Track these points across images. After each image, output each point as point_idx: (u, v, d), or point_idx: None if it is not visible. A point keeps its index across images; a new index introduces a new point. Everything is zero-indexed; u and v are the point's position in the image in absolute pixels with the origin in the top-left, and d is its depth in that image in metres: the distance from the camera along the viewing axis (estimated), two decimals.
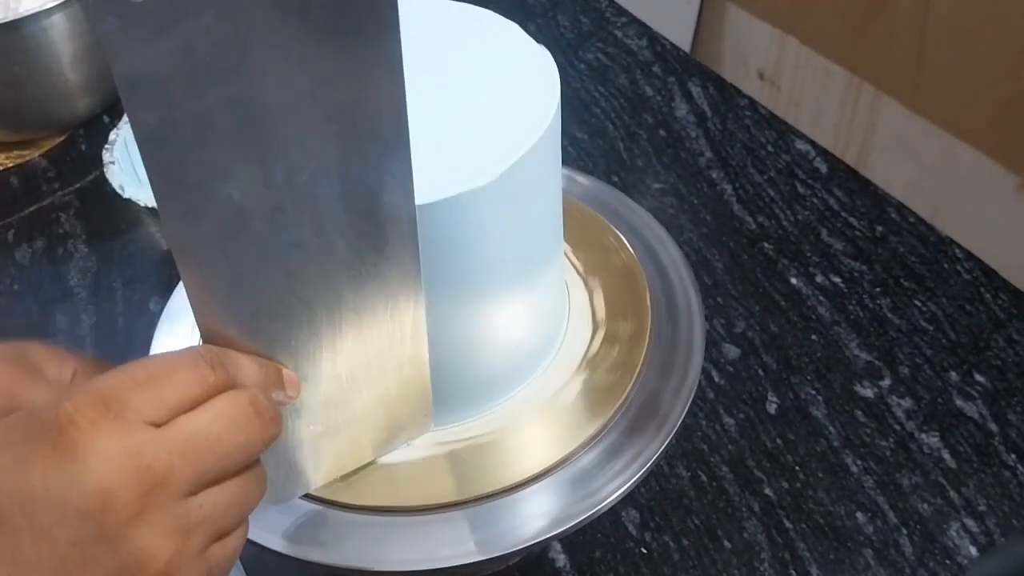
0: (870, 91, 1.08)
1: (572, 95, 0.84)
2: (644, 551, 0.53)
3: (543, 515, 0.39)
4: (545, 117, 0.38)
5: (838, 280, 0.66)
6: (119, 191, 0.70)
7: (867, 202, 0.72)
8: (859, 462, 0.56)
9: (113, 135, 0.75)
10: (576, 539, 0.53)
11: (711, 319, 0.64)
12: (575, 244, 0.50)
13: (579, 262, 0.50)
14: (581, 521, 0.39)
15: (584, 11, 0.94)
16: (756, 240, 0.69)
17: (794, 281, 0.66)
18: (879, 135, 1.09)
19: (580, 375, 0.45)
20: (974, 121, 0.97)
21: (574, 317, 0.47)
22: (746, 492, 0.55)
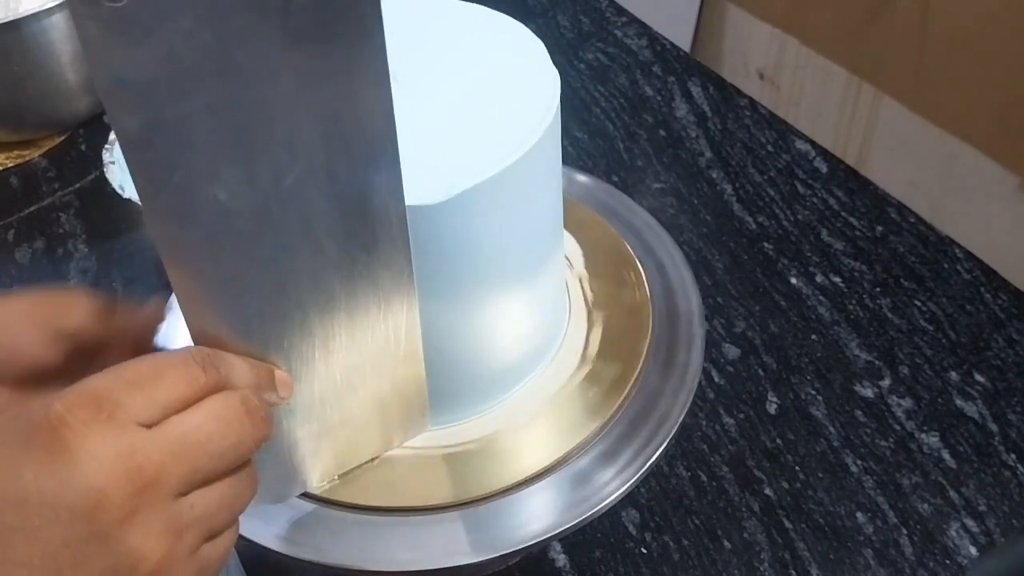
0: (870, 91, 1.08)
1: (572, 95, 0.84)
2: (644, 551, 0.53)
3: (543, 515, 0.39)
4: (545, 117, 0.38)
5: (838, 280, 0.66)
6: (119, 191, 0.70)
7: (867, 202, 0.72)
8: (859, 462, 0.56)
9: (113, 135, 0.75)
10: (576, 539, 0.53)
11: (711, 319, 0.64)
12: (575, 243, 0.50)
13: (579, 263, 0.50)
14: (581, 521, 0.39)
15: (584, 11, 0.94)
16: (756, 240, 0.69)
17: (794, 281, 0.66)
18: (879, 135, 1.09)
19: (579, 375, 0.45)
20: (974, 121, 0.97)
21: (573, 317, 0.47)
22: (746, 492, 0.55)
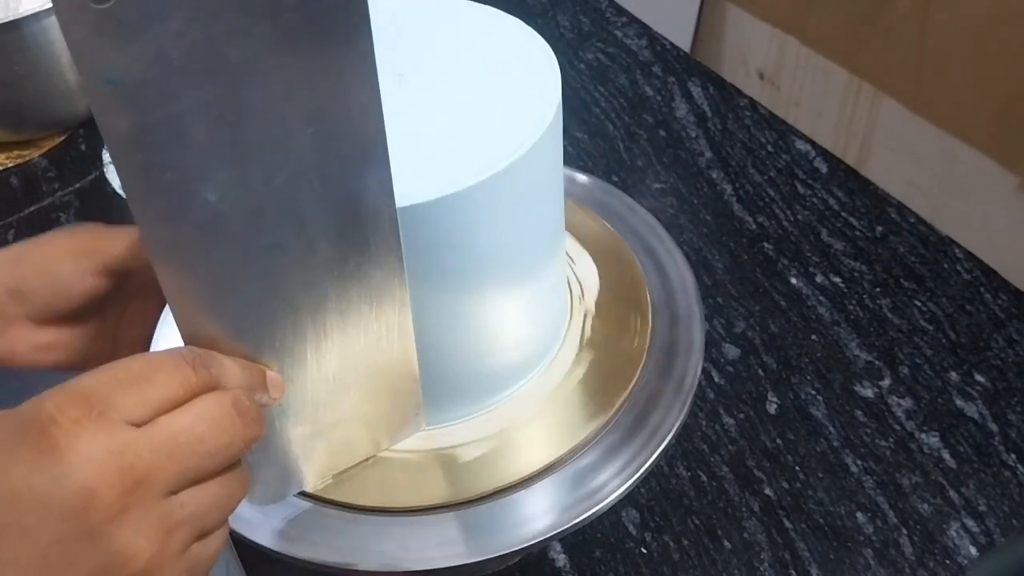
0: (870, 91, 1.08)
1: (572, 95, 0.84)
2: (644, 551, 0.53)
3: (543, 515, 0.39)
4: (546, 116, 0.38)
5: (838, 280, 0.66)
6: (119, 191, 0.70)
7: (867, 202, 0.72)
8: (859, 462, 0.56)
9: None
10: (576, 539, 0.53)
11: (711, 319, 0.64)
12: (575, 243, 0.50)
13: (579, 263, 0.50)
14: (581, 521, 0.39)
15: (584, 11, 0.94)
16: (756, 240, 0.69)
17: (794, 281, 0.66)
18: (879, 135, 1.09)
19: (579, 374, 0.45)
20: (974, 121, 0.97)
21: (574, 317, 0.47)
22: (746, 492, 0.55)
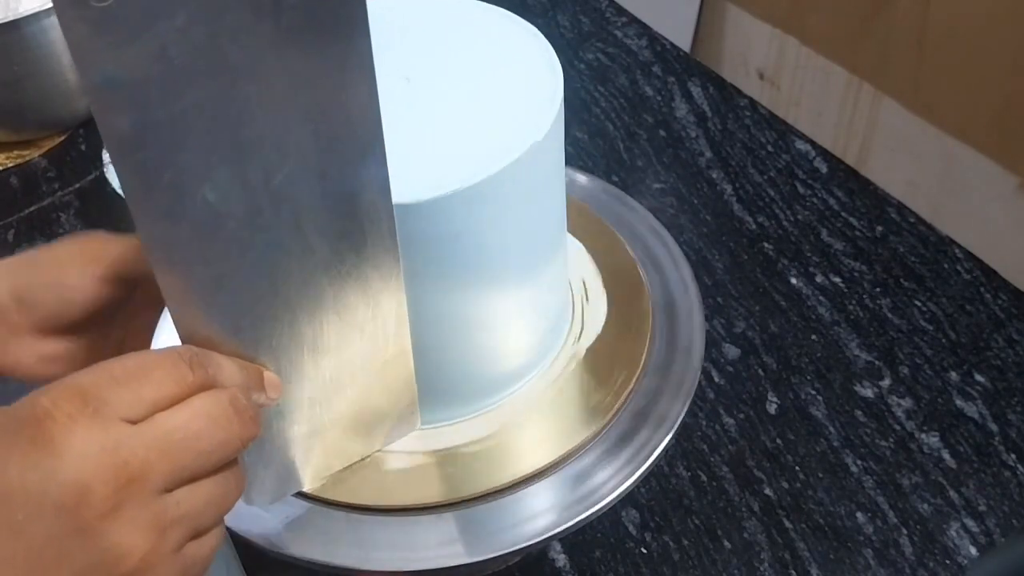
0: (870, 91, 1.08)
1: (572, 95, 0.84)
2: (644, 551, 0.53)
3: (542, 515, 0.39)
4: (548, 116, 0.38)
5: (838, 280, 0.66)
6: (119, 191, 0.69)
7: (867, 202, 0.72)
8: (859, 462, 0.56)
9: None
10: (576, 539, 0.53)
11: (711, 319, 0.64)
12: (575, 243, 0.50)
13: (579, 263, 0.50)
14: (581, 521, 0.39)
15: (584, 11, 0.94)
16: (756, 240, 0.69)
17: (794, 281, 0.66)
18: (879, 135, 1.09)
19: (579, 374, 0.45)
20: (974, 121, 0.97)
21: (574, 317, 0.47)
22: (746, 492, 0.55)
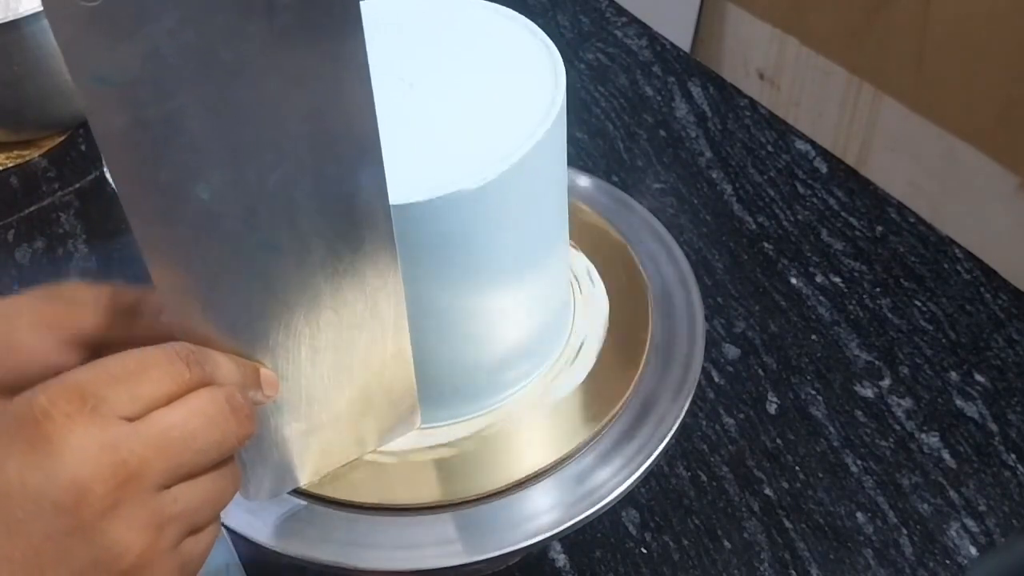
0: (870, 91, 1.08)
1: (572, 95, 0.84)
2: (644, 551, 0.53)
3: (542, 515, 0.39)
4: (549, 115, 0.38)
5: (838, 280, 0.66)
6: None
7: (867, 202, 0.72)
8: (859, 462, 0.56)
9: None
10: (576, 539, 0.53)
11: (711, 319, 0.64)
12: (575, 244, 0.50)
13: (579, 263, 0.50)
14: (581, 521, 0.39)
15: (584, 11, 0.94)
16: (756, 240, 0.69)
17: (794, 281, 0.66)
18: (879, 135, 1.09)
19: (579, 375, 0.45)
20: (974, 121, 0.97)
21: (575, 317, 0.47)
22: (746, 492, 0.55)
